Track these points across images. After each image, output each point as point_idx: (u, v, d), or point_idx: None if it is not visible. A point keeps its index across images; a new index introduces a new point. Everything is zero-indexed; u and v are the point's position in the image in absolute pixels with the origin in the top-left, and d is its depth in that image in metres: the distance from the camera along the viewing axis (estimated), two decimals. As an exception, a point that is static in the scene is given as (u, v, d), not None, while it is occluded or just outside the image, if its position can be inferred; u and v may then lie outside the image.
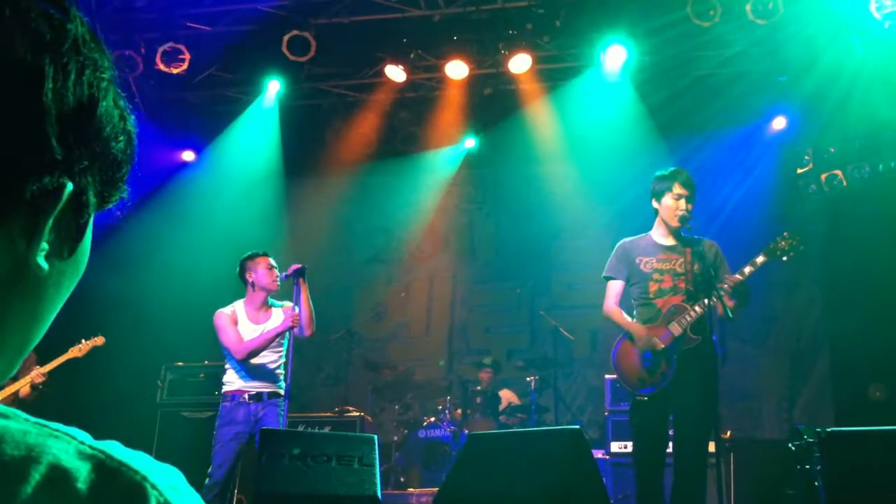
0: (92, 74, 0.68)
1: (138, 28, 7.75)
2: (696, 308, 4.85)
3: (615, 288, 5.17)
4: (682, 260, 5.02)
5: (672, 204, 5.00)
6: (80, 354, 6.33)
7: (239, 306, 5.89)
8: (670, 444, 4.99)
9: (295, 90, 8.64)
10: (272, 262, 5.93)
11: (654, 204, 5.12)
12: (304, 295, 5.84)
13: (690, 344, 4.88)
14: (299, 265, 5.86)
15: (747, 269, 4.84)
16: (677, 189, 4.99)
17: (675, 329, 4.89)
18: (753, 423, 8.45)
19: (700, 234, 5.03)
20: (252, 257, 5.94)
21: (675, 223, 5.00)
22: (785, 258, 4.92)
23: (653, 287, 5.03)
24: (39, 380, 6.21)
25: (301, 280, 5.84)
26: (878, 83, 7.30)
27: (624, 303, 5.24)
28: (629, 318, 5.11)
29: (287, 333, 5.83)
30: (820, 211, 8.39)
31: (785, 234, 4.95)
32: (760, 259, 4.87)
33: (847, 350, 8.21)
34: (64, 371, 6.43)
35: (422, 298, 10.18)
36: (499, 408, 8.18)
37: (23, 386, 6.18)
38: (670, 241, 5.10)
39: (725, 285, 4.82)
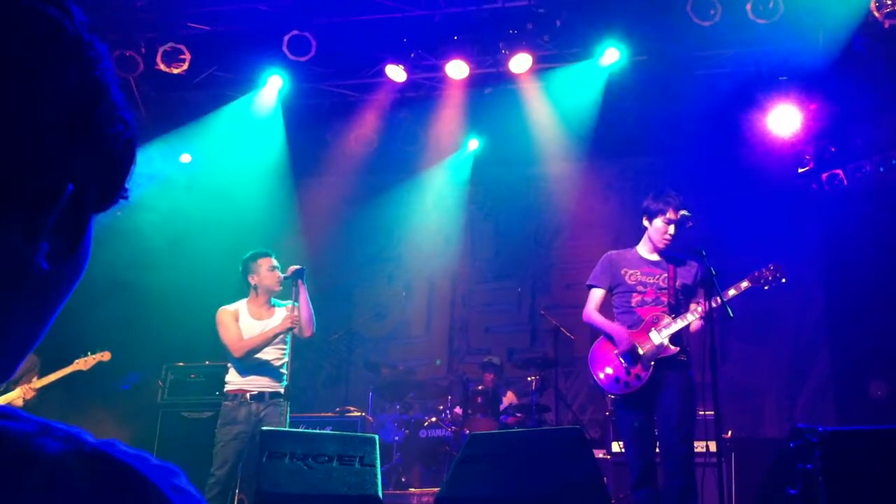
0: (92, 74, 0.68)
1: (139, 28, 7.75)
2: (678, 320, 5.08)
3: (596, 296, 5.39)
4: (665, 275, 5.25)
5: (661, 227, 5.22)
6: (84, 368, 6.36)
7: (242, 305, 5.92)
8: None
9: (295, 90, 8.64)
10: (274, 262, 5.95)
11: (645, 222, 5.34)
12: (303, 296, 5.85)
13: (667, 353, 5.08)
14: (298, 267, 5.87)
15: (731, 292, 5.08)
16: (670, 214, 5.21)
17: (655, 337, 5.10)
18: (754, 423, 8.45)
19: (685, 251, 5.28)
20: (254, 258, 5.96)
21: (661, 246, 5.25)
22: (767, 287, 5.16)
23: (635, 298, 5.24)
24: (30, 395, 6.19)
25: (300, 282, 5.85)
26: (877, 82, 7.30)
27: (606, 312, 5.39)
28: (609, 321, 5.31)
29: (288, 333, 5.84)
30: (821, 210, 8.39)
31: (771, 266, 5.16)
32: (744, 284, 5.13)
33: (848, 349, 8.21)
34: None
35: (422, 298, 10.17)
36: (500, 407, 8.17)
37: (14, 399, 6.14)
38: (655, 258, 5.32)
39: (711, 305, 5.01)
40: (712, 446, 5.34)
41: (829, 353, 8.48)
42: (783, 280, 5.13)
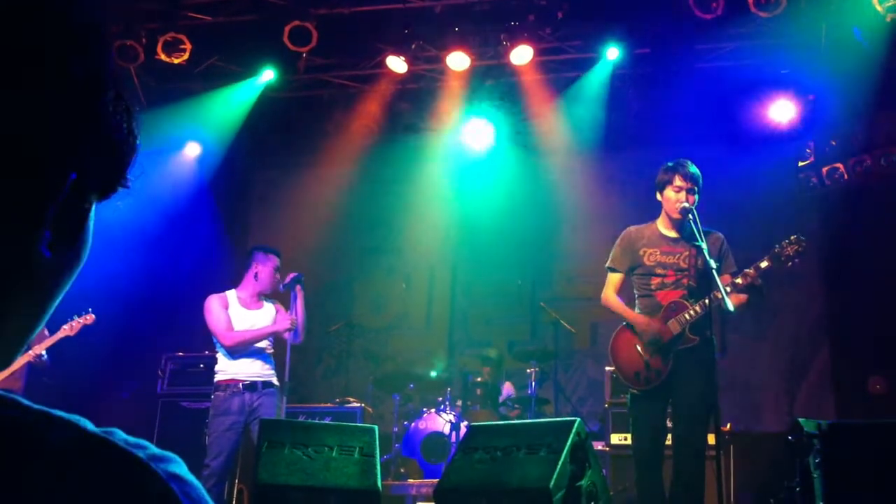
0: (93, 64, 0.68)
1: (139, 18, 7.73)
2: (696, 307, 4.84)
3: (614, 279, 5.19)
4: (686, 254, 5.01)
5: (673, 196, 5.00)
6: (71, 333, 6.32)
7: (231, 293, 5.97)
8: (669, 436, 5.01)
9: (296, 80, 8.62)
10: (279, 265, 6.04)
11: (658, 196, 5.13)
12: (300, 303, 5.95)
13: (688, 343, 4.89)
14: (296, 273, 5.99)
15: (751, 272, 4.82)
16: (678, 181, 5.00)
17: (674, 327, 4.90)
18: (753, 416, 8.45)
19: (706, 227, 5.00)
20: (266, 252, 6.07)
21: (676, 215, 5.01)
22: (790, 264, 4.87)
23: (655, 281, 5.03)
24: (37, 354, 6.20)
25: (298, 287, 5.94)
26: (879, 76, 7.29)
27: (625, 291, 5.23)
28: (630, 309, 5.11)
29: (282, 334, 5.94)
30: (821, 204, 8.38)
31: (792, 237, 4.87)
32: (764, 264, 4.83)
33: (847, 343, 8.21)
34: (66, 361, 6.43)
35: (422, 290, 10.17)
36: (499, 399, 8.18)
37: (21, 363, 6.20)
38: (675, 234, 5.09)
39: (738, 280, 4.81)
40: (711, 439, 5.31)
41: (828, 347, 8.49)
42: (804, 253, 4.84)
